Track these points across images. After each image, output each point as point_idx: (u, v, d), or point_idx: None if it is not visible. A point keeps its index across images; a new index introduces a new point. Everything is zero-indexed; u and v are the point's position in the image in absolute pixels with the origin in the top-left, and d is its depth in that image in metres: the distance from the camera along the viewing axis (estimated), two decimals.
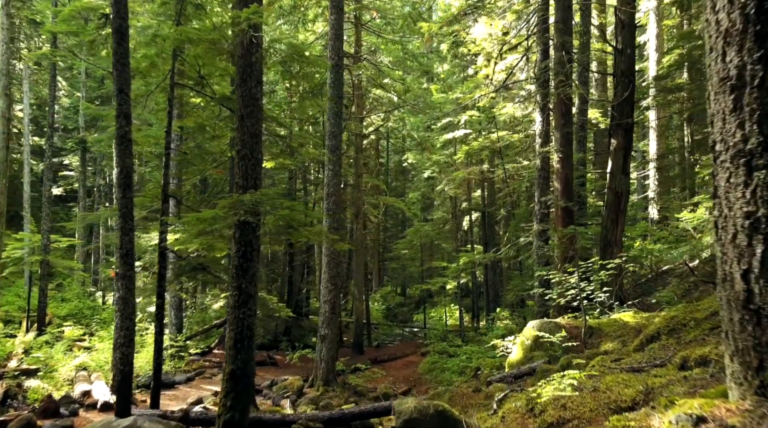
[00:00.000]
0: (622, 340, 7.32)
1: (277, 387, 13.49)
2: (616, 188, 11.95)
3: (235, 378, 6.53)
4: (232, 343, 6.63)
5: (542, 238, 12.72)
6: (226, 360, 6.64)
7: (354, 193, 21.49)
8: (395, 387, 15.92)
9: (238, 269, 6.76)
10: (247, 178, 6.82)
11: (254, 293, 6.83)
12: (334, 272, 14.02)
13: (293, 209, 6.84)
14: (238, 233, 6.77)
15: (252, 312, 6.78)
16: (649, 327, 6.16)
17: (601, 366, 4.59)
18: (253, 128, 6.95)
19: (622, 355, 5.46)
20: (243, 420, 6.46)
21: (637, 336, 7.35)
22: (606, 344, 7.47)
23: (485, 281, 24.93)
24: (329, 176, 14.20)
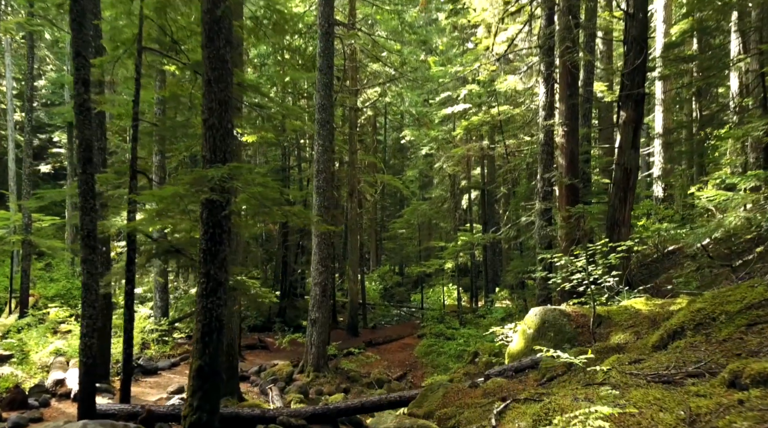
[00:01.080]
0: (635, 331, 6.61)
1: (266, 373, 12.86)
2: (625, 163, 11.14)
3: (203, 374, 5.83)
4: (200, 336, 5.92)
5: (545, 217, 11.97)
6: (193, 354, 5.94)
7: (348, 170, 20.68)
8: (390, 371, 15.34)
9: (206, 253, 6.02)
10: (214, 151, 6.02)
11: (224, 280, 6.09)
12: (324, 254, 13.30)
13: (266, 185, 6.06)
14: (206, 213, 6.01)
15: (222, 302, 6.05)
16: (669, 319, 5.42)
17: (620, 371, 3.86)
18: (221, 94, 6.13)
19: (641, 353, 4.74)
20: (212, 421, 5.79)
21: (652, 326, 6.64)
22: (617, 335, 6.76)
23: (484, 260, 24.27)
24: (319, 151, 13.39)
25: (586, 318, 7.53)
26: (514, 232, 12.80)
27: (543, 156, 12.35)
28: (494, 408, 4.44)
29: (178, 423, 7.42)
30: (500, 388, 6.29)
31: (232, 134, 6.25)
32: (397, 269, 39.93)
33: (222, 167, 5.69)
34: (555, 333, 7.43)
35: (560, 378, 5.88)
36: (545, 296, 11.60)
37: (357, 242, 21.19)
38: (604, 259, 7.64)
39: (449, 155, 22.30)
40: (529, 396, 4.59)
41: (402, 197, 38.24)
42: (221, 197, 5.76)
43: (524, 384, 6.30)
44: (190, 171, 9.66)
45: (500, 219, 25.86)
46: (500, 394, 6.06)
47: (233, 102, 10.41)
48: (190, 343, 15.98)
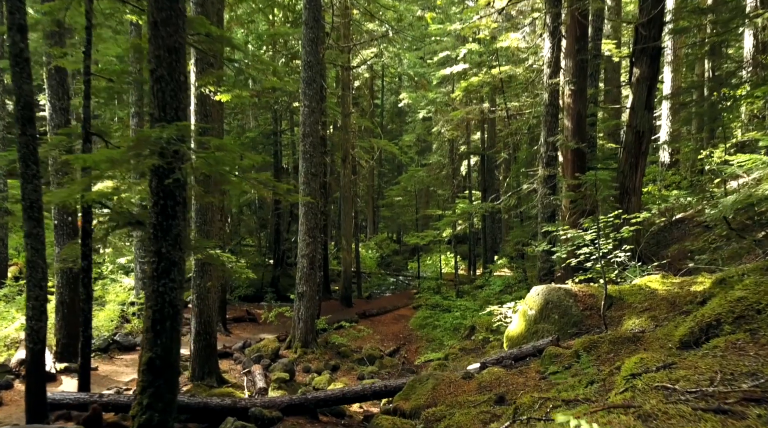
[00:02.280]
0: (652, 315, 5.80)
1: (250, 349, 12.18)
2: (637, 126, 10.20)
3: (155, 368, 5.04)
4: (150, 324, 5.10)
5: (548, 185, 11.08)
6: (143, 345, 5.14)
7: (341, 135, 19.65)
8: (383, 345, 14.69)
9: (156, 228, 5.14)
10: (164, 107, 5.09)
11: (179, 259, 5.24)
12: (312, 224, 12.44)
13: (223, 148, 5.15)
14: (155, 181, 5.11)
15: (176, 284, 5.21)
16: (693, 302, 4.60)
17: (648, 383, 3.04)
18: (170, 39, 5.15)
19: (669, 353, 3.92)
20: (165, 422, 5.03)
21: (671, 309, 5.84)
22: (630, 319, 5.96)
23: (483, 228, 23.46)
24: (305, 113, 12.38)
25: (594, 299, 6.73)
26: (514, 200, 11.93)
27: (547, 118, 11.37)
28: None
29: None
30: (498, 381, 5.53)
31: (185, 87, 5.30)
32: (394, 236, 39.21)
33: (169, 127, 4.76)
34: (559, 316, 6.64)
35: (567, 374, 5.10)
36: (547, 270, 10.81)
37: (351, 210, 20.33)
38: (615, 232, 6.80)
39: (448, 118, 21.23)
40: (530, 403, 3.79)
41: (400, 163, 37.20)
42: (164, 162, 4.86)
43: (525, 376, 5.52)
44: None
45: (500, 186, 24.96)
46: (497, 389, 5.30)
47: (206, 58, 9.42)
48: None
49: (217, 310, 9.81)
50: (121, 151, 4.80)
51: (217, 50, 8.05)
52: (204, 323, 9.50)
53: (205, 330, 9.51)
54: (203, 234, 9.39)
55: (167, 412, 5.08)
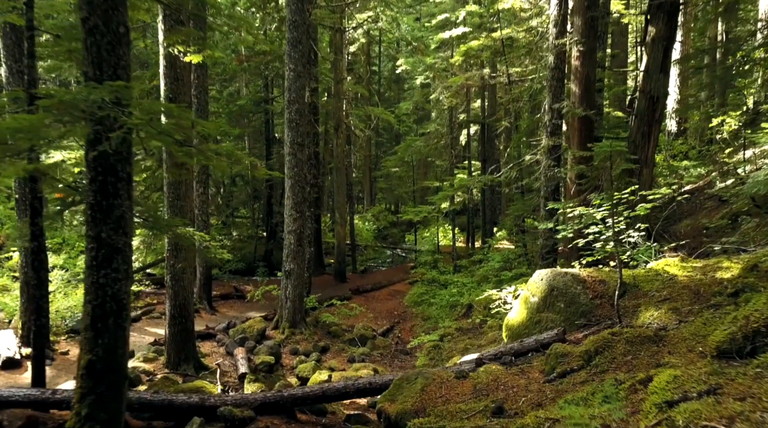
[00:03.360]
0: (673, 307, 5.06)
1: (234, 330, 11.53)
2: (651, 91, 9.32)
3: (95, 373, 4.33)
4: (90, 321, 4.36)
5: (552, 156, 10.23)
6: (82, 346, 4.41)
7: (334, 102, 18.68)
8: (376, 324, 14.07)
9: (95, 209, 4.35)
10: (99, 65, 4.23)
11: (123, 245, 4.47)
12: (299, 198, 11.65)
13: (173, 114, 4.33)
14: (92, 153, 4.30)
15: (121, 274, 4.45)
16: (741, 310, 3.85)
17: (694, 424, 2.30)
18: None
19: (707, 368, 3.17)
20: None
21: (695, 299, 5.10)
22: (648, 310, 5.22)
23: (482, 200, 22.66)
24: (291, 77, 11.45)
25: (605, 286, 5.98)
26: (516, 173, 11.09)
27: (552, 83, 10.44)
28: None
29: None
30: (495, 382, 4.82)
31: (127, 41, 4.43)
32: (392, 207, 38.43)
33: (99, 87, 3.92)
34: (566, 304, 5.90)
35: (576, 377, 4.38)
36: (550, 247, 10.06)
37: (344, 181, 19.50)
38: (630, 210, 6.00)
39: (446, 84, 20.18)
40: (535, 425, 3.06)
41: (399, 132, 36.16)
42: (102, 131, 4.03)
43: (527, 377, 4.81)
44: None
45: (500, 156, 24.06)
46: (495, 394, 4.59)
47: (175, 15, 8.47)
48: (158, 293, 14.63)
49: (193, 292, 9.10)
50: (37, 116, 3.97)
51: (182, 3, 7.12)
52: (179, 306, 8.80)
53: (181, 313, 8.81)
54: (176, 210, 8.60)
55: (112, 424, 4.37)
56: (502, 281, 13.43)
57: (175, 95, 8.48)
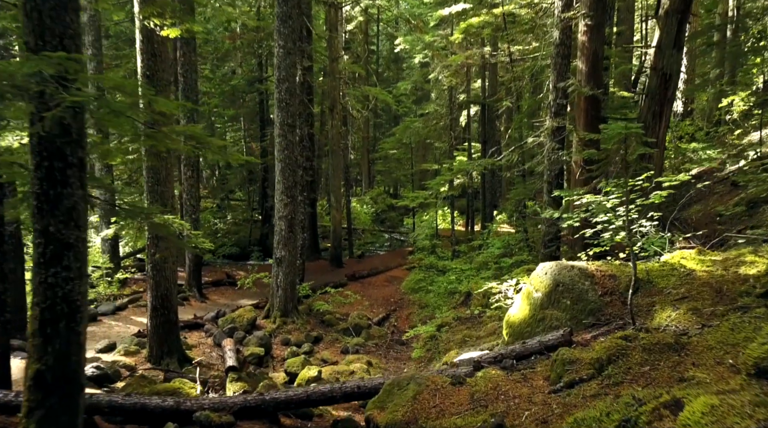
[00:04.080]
0: (693, 307, 4.56)
1: (224, 319, 11.07)
2: (663, 67, 8.74)
3: (45, 384, 3.84)
4: (38, 326, 3.86)
5: (556, 138, 9.66)
6: (30, 353, 3.92)
7: (329, 81, 18.01)
8: (372, 312, 13.63)
9: (41, 199, 3.83)
10: (41, 33, 3.67)
11: (76, 240, 3.95)
12: (290, 182, 11.11)
13: (124, 90, 3.77)
14: (37, 136, 3.76)
15: (74, 273, 3.94)
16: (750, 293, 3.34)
17: None
18: None
19: (749, 392, 2.66)
20: None
21: (717, 299, 4.60)
22: (664, 311, 4.72)
23: (482, 183, 22.10)
24: (280, 55, 10.83)
25: (615, 281, 5.48)
26: (517, 156, 10.52)
27: (557, 60, 9.83)
28: None
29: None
30: (495, 391, 4.35)
31: (77, 6, 3.86)
32: (391, 189, 37.82)
33: (39, 58, 3.36)
34: (572, 302, 5.41)
35: (585, 389, 3.90)
36: (553, 234, 9.57)
37: (340, 164, 18.92)
38: (643, 198, 5.48)
39: (446, 63, 19.48)
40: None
41: (398, 114, 35.43)
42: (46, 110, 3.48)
43: (531, 386, 4.34)
44: None
45: (501, 137, 23.45)
46: (495, 405, 4.12)
47: None
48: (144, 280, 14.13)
49: (176, 282, 8.61)
50: None
51: None
52: (161, 296, 8.32)
53: (163, 304, 8.34)
54: (156, 196, 8.08)
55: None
56: (502, 269, 12.97)
57: (152, 73, 7.90)
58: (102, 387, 7.03)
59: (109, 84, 3.84)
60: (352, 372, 8.41)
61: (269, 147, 19.40)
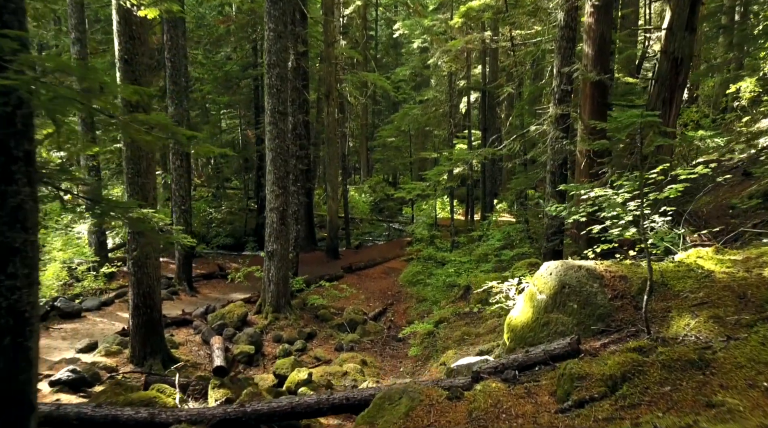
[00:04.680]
0: (714, 314, 4.13)
1: (213, 315, 10.66)
2: (675, 51, 8.22)
3: None
4: None
5: (560, 126, 9.18)
6: None
7: (324, 67, 17.45)
8: (368, 306, 13.24)
9: None
10: None
11: (23, 243, 3.49)
12: (282, 172, 10.64)
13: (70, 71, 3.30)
14: None
15: (21, 281, 3.48)
16: None
17: None
18: None
19: None
20: None
21: (741, 305, 4.16)
22: (682, 318, 4.29)
23: (482, 171, 21.62)
24: (271, 38, 10.31)
25: (626, 283, 5.04)
26: (519, 145, 10.04)
27: (561, 44, 9.32)
28: None
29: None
30: (496, 408, 3.93)
31: None
32: (390, 178, 37.30)
33: None
34: (579, 305, 4.97)
35: (597, 409, 3.47)
36: (556, 228, 9.13)
37: (337, 152, 18.42)
38: (657, 192, 5.03)
39: (445, 48, 18.89)
40: None
41: (398, 101, 34.80)
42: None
43: (535, 403, 3.91)
44: None
45: (502, 124, 22.93)
46: (495, 425, 3.70)
47: None
48: None
49: (159, 278, 8.18)
50: None
51: None
52: (143, 294, 7.90)
53: (145, 302, 7.92)
54: (136, 189, 7.62)
55: None
56: (503, 261, 12.55)
57: (131, 56, 7.40)
58: (78, 392, 6.63)
59: (51, 65, 3.34)
60: (345, 373, 8.01)
61: (263, 134, 18.89)
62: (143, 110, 7.60)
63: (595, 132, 8.43)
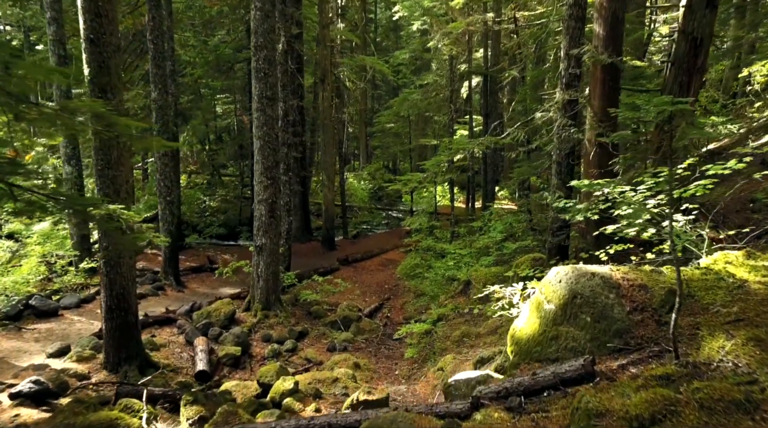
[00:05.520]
0: (754, 335, 3.53)
1: (199, 313, 10.10)
2: (693, 31, 7.55)
3: None
4: None
5: (568, 113, 8.51)
6: None
7: (319, 50, 16.71)
8: (364, 301, 12.68)
9: None
10: None
11: None
12: (270, 162, 10.00)
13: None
14: None
15: None
16: None
17: None
18: None
19: None
20: None
21: None
22: (715, 338, 3.69)
23: (483, 158, 20.93)
24: (257, 18, 9.62)
25: (646, 294, 4.43)
26: (523, 134, 9.37)
27: (570, 23, 8.60)
28: None
29: None
30: None
31: None
32: (391, 164, 36.58)
33: None
34: (593, 319, 4.38)
35: None
36: (562, 222, 8.50)
37: (332, 139, 17.73)
38: (681, 189, 4.41)
39: (445, 31, 18.11)
40: None
41: (398, 85, 33.94)
42: None
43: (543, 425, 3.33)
44: None
45: (504, 110, 22.21)
46: None
47: None
48: None
49: (134, 277, 7.59)
50: None
51: None
52: (117, 296, 7.31)
53: (119, 304, 7.33)
54: (107, 181, 7.00)
55: None
56: (505, 255, 11.96)
57: (97, 36, 6.74)
58: (41, 405, 6.08)
59: None
60: (336, 379, 7.45)
61: None
62: (112, 96, 6.98)
63: (604, 119, 7.79)
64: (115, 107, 7.04)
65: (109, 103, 6.93)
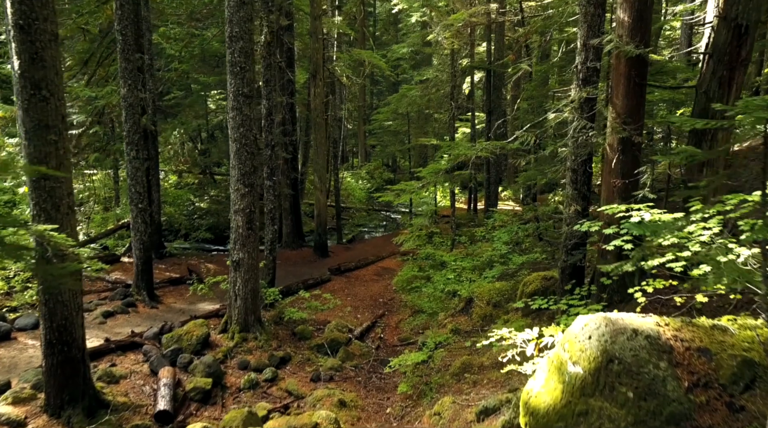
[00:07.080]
0: None
1: (168, 336, 9.00)
2: (737, 17, 6.42)
3: None
4: None
5: (586, 113, 7.39)
6: None
7: (311, 43, 15.57)
8: (355, 318, 11.59)
9: None
10: None
11: None
12: (248, 167, 8.89)
13: None
14: None
15: None
16: None
17: None
18: None
19: None
20: None
21: None
22: None
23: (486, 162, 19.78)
24: (232, 6, 8.51)
25: (710, 362, 3.32)
26: (533, 137, 8.24)
27: (588, 9, 7.47)
28: None
29: None
30: None
31: None
32: (390, 162, 35.48)
33: None
34: (637, 395, 3.27)
35: None
36: (578, 239, 7.38)
37: (324, 139, 16.61)
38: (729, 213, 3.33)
39: (446, 23, 16.96)
40: None
41: (398, 81, 32.74)
42: None
43: None
44: None
45: (508, 107, 21.08)
46: None
47: None
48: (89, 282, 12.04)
49: (80, 305, 6.50)
50: None
51: None
52: (58, 328, 6.23)
53: (61, 338, 6.25)
54: (42, 194, 5.90)
55: None
56: (510, 268, 10.86)
57: (28, 22, 5.64)
58: None
59: None
60: (315, 425, 6.37)
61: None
62: (48, 93, 5.88)
63: (629, 121, 6.68)
64: (53, 108, 5.96)
65: (45, 105, 5.85)
